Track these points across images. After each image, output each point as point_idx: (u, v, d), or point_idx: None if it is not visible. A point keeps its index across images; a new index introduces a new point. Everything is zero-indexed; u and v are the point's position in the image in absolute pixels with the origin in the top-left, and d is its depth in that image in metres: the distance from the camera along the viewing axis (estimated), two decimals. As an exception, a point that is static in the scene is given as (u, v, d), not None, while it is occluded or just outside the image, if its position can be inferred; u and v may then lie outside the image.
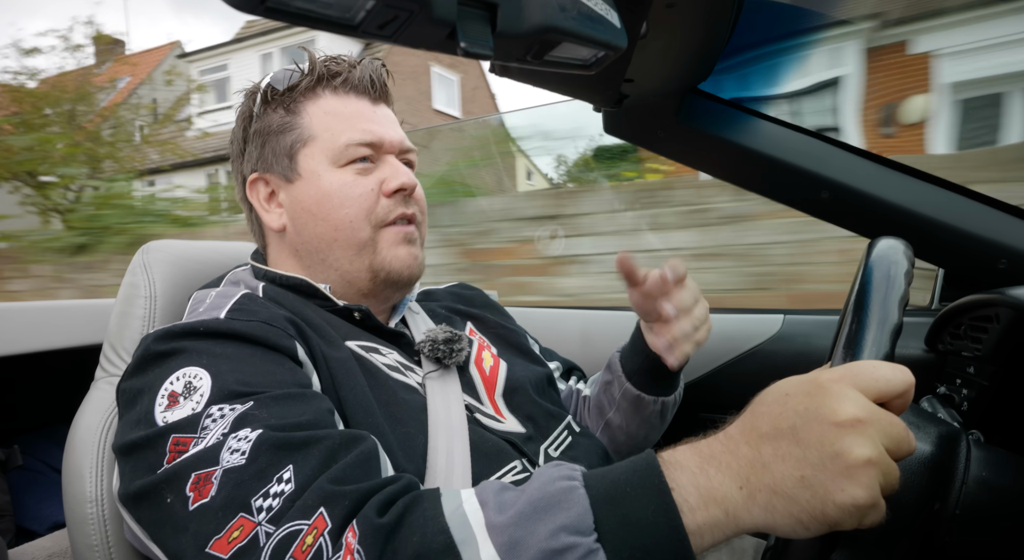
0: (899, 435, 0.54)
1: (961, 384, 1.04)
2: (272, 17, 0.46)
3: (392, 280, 0.98)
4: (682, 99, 1.16)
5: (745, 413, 0.60)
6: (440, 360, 0.97)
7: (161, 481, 0.68)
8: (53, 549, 1.26)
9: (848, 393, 0.55)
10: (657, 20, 0.86)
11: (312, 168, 0.96)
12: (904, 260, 0.67)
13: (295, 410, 0.72)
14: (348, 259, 0.96)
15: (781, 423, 0.56)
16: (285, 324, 0.84)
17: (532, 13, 0.54)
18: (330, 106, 0.97)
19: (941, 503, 0.70)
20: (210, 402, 0.71)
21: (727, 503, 0.56)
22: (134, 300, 0.99)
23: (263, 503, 0.63)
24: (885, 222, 1.12)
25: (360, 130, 0.96)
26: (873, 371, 0.56)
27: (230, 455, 0.66)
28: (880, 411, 0.55)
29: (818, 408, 0.54)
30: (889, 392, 0.56)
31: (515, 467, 0.90)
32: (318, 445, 0.68)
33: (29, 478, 1.61)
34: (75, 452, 0.88)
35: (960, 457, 0.72)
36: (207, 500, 0.64)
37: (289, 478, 0.64)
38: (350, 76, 0.99)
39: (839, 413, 0.53)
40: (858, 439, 0.53)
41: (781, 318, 1.50)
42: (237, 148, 1.03)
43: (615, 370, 1.15)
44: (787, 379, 0.60)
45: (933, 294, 1.38)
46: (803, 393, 0.56)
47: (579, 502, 0.58)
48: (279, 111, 0.98)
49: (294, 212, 0.97)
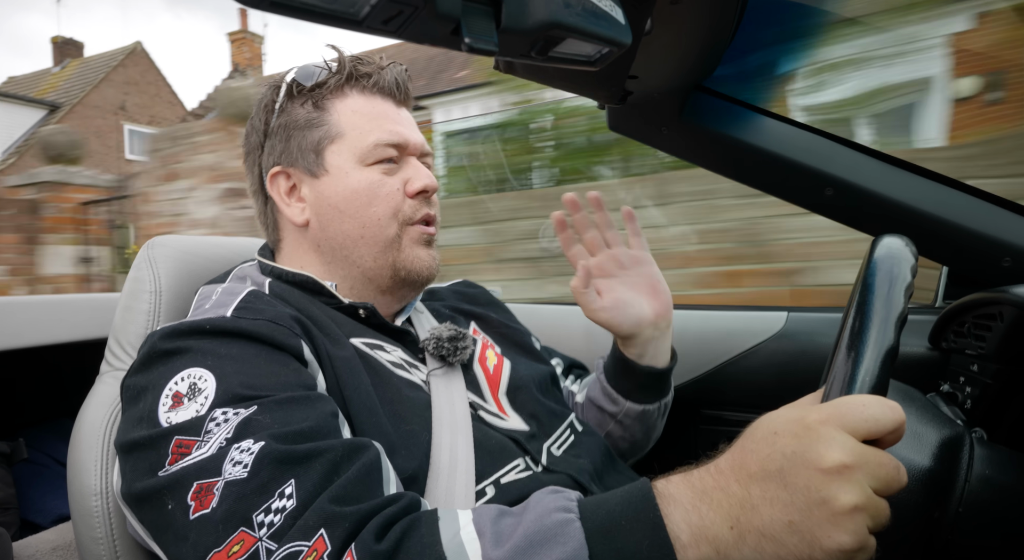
0: (888, 476, 0.55)
1: (964, 382, 1.04)
2: (277, 12, 0.46)
3: (412, 280, 0.99)
4: (686, 96, 1.16)
5: (735, 446, 0.61)
6: (444, 358, 0.97)
7: (163, 486, 0.68)
8: (57, 542, 1.27)
9: (835, 436, 0.54)
10: (661, 16, 0.86)
11: (339, 165, 0.96)
12: (907, 262, 0.67)
13: (298, 415, 0.72)
14: (372, 256, 0.97)
15: (769, 465, 0.56)
16: (291, 323, 0.84)
17: (537, 9, 0.54)
18: (358, 105, 0.98)
19: (941, 510, 0.70)
20: (214, 405, 0.71)
21: (718, 542, 0.57)
22: (139, 295, 0.99)
23: (264, 518, 0.63)
24: (889, 220, 1.12)
25: (388, 131, 0.97)
26: (862, 411, 0.55)
27: (232, 467, 0.66)
28: (868, 453, 0.55)
29: (805, 452, 0.55)
30: (878, 432, 0.55)
31: (518, 465, 0.90)
32: (320, 458, 0.68)
33: (34, 471, 1.61)
34: (80, 445, 0.89)
35: (963, 459, 0.72)
36: (208, 511, 0.65)
37: (291, 493, 0.65)
38: (379, 78, 1.00)
39: (825, 459, 0.54)
40: (844, 485, 0.53)
41: (784, 315, 1.50)
42: (256, 140, 1.02)
43: (609, 393, 1.17)
44: (776, 414, 0.60)
45: (937, 292, 1.38)
46: (790, 434, 0.57)
47: (575, 536, 0.59)
48: (307, 106, 0.98)
49: (319, 207, 0.98)
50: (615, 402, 1.16)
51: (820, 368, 0.85)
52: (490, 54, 0.54)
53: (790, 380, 1.42)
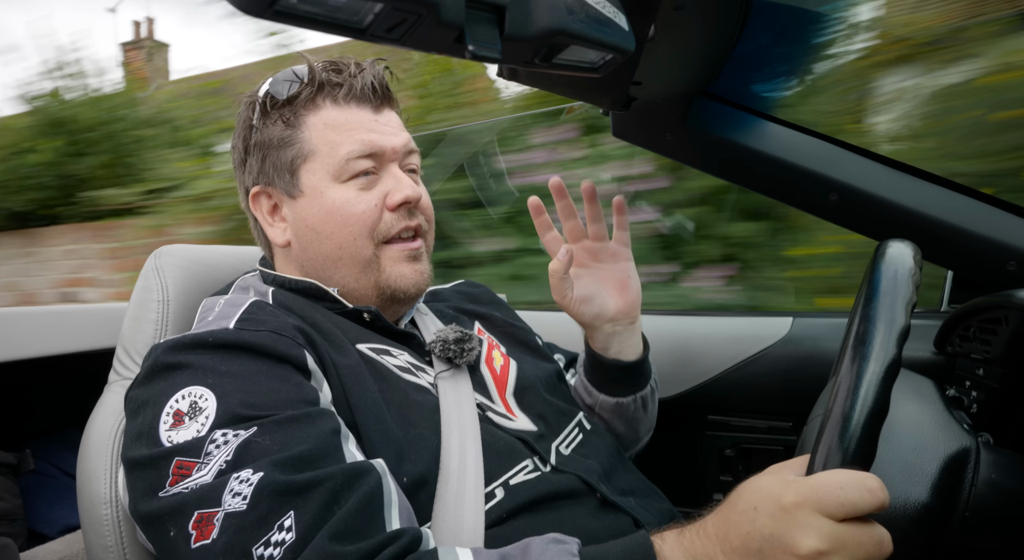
0: (867, 555, 0.55)
1: (970, 386, 1.03)
2: (281, 21, 0.47)
3: (398, 297, 0.98)
4: (690, 102, 1.17)
5: (720, 513, 0.62)
6: (451, 360, 0.97)
7: (165, 513, 0.69)
8: (64, 552, 1.27)
9: (811, 522, 0.55)
10: (665, 23, 0.86)
11: (314, 185, 0.95)
12: (911, 271, 0.66)
13: (298, 436, 0.72)
14: (354, 277, 0.97)
15: (750, 543, 0.57)
16: (294, 333, 0.84)
17: (540, 16, 0.54)
18: (330, 117, 0.95)
19: (941, 536, 0.70)
20: (215, 426, 0.72)
21: None
22: (147, 304, 1.00)
23: (264, 552, 0.64)
24: (894, 224, 1.12)
25: (359, 141, 0.94)
26: (839, 495, 0.55)
27: (232, 498, 0.67)
28: (846, 534, 0.54)
29: (781, 536, 0.56)
30: (855, 514, 0.55)
31: (527, 466, 0.90)
32: (319, 488, 0.68)
33: (41, 482, 1.61)
34: (89, 454, 0.89)
35: (969, 463, 0.72)
36: (208, 541, 0.65)
37: (290, 526, 0.65)
38: (352, 86, 0.96)
39: (801, 546, 0.54)
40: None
41: (790, 320, 1.49)
42: (239, 157, 1.01)
43: (585, 385, 1.18)
44: (759, 485, 0.61)
45: (942, 296, 1.38)
46: (768, 515, 0.57)
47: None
48: (279, 124, 0.96)
49: (298, 229, 0.97)
50: (590, 394, 1.18)
51: (826, 373, 0.85)
52: (494, 61, 0.54)
53: (796, 385, 1.42)
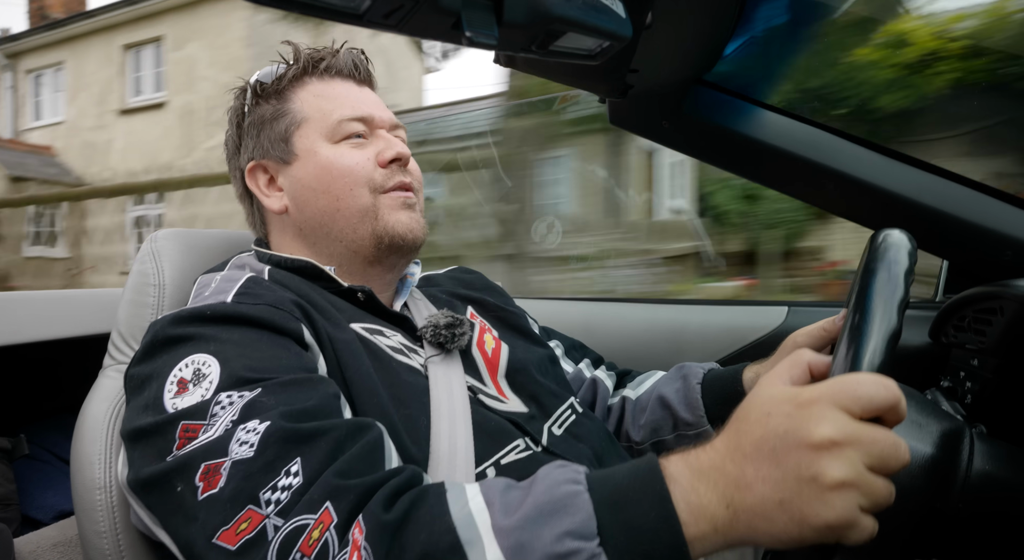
0: (884, 452, 0.54)
1: (965, 377, 1.04)
2: (278, 7, 0.46)
3: (396, 245, 0.99)
4: (687, 89, 1.16)
5: (730, 427, 0.61)
6: (442, 345, 0.97)
7: (171, 469, 0.69)
8: (58, 538, 1.27)
9: (826, 414, 0.55)
10: (662, 10, 0.86)
11: (308, 147, 0.99)
12: (907, 255, 0.67)
13: (302, 396, 0.73)
14: (352, 227, 0.98)
15: (763, 445, 0.57)
16: (291, 307, 0.85)
17: (538, 3, 0.54)
18: (318, 90, 1.01)
19: (942, 501, 0.70)
20: (219, 389, 0.72)
21: (715, 520, 0.57)
22: (143, 288, 1.00)
23: (271, 496, 0.64)
24: (890, 213, 1.12)
25: (351, 107, 1.00)
26: (855, 388, 0.56)
27: (239, 447, 0.67)
28: (862, 429, 0.55)
29: (796, 430, 0.55)
30: (872, 409, 0.55)
31: (518, 446, 0.91)
32: (325, 436, 0.69)
33: (35, 467, 1.61)
34: (84, 439, 0.89)
35: (963, 452, 0.72)
36: (216, 490, 0.65)
37: (297, 471, 0.65)
38: (333, 61, 1.03)
39: (814, 435, 0.54)
40: (833, 462, 0.53)
41: (785, 310, 1.50)
42: (232, 147, 1.06)
43: (696, 409, 1.09)
44: (770, 393, 0.61)
45: (937, 286, 1.38)
46: (783, 414, 0.57)
47: (583, 507, 0.59)
48: (271, 101, 1.02)
49: (295, 191, 1.00)
50: (694, 414, 1.09)
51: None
52: (490, 48, 0.54)
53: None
